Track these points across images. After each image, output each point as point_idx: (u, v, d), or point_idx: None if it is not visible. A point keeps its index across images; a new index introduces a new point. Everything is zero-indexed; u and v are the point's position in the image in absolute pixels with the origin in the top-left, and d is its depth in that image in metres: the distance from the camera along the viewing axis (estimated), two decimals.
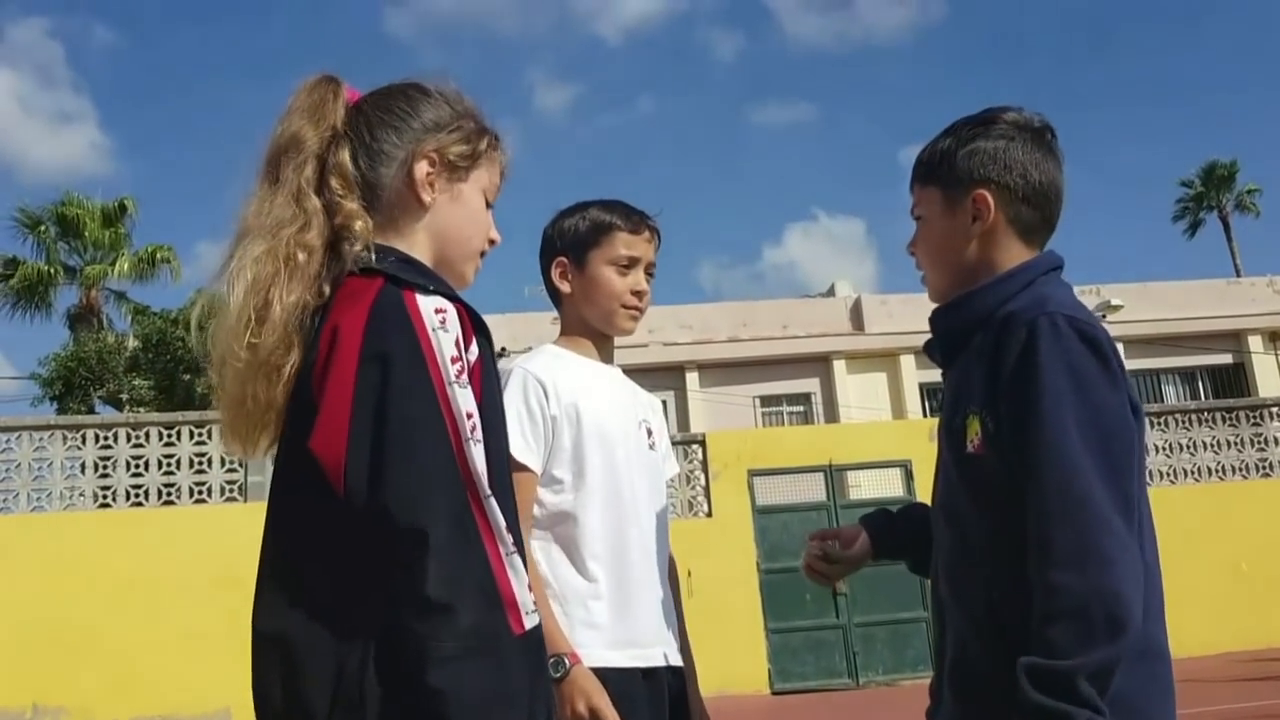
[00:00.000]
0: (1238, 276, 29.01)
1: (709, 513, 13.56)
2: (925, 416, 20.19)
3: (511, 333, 21.58)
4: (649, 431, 2.24)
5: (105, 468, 12.58)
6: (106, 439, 12.67)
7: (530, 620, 1.31)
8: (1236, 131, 54.18)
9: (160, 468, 12.66)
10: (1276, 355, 24.24)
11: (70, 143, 54.93)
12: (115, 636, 11.36)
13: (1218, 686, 9.58)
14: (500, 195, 1.64)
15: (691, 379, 22.87)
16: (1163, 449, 14.82)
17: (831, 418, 22.42)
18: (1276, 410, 15.34)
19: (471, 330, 1.41)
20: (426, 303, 1.37)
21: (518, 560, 1.33)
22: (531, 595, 1.33)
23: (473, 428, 1.34)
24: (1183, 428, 14.98)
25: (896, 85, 53.49)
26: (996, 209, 1.68)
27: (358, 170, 1.50)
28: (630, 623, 2.05)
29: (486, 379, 1.42)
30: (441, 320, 1.36)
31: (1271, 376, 23.80)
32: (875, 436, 14.92)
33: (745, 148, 56.18)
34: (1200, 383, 24.48)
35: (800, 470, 13.82)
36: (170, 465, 12.69)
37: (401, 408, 1.31)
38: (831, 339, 23.41)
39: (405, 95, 1.56)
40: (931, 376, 21.83)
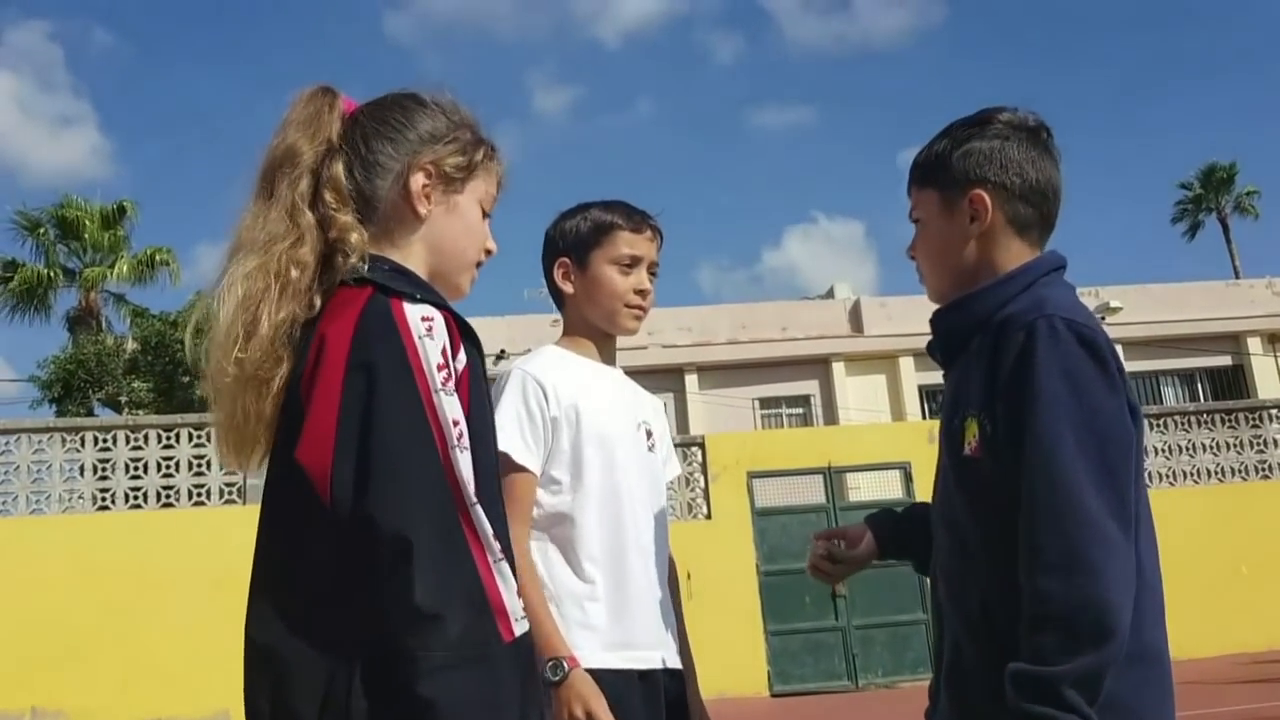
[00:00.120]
0: (1237, 278, 29.04)
1: (708, 515, 13.55)
2: (924, 418, 20.19)
3: (511, 335, 21.60)
4: (648, 433, 2.24)
5: (104, 470, 12.56)
6: (105, 441, 12.65)
7: (519, 627, 1.30)
8: (1236, 133, 54.25)
9: (159, 470, 12.65)
10: (1276, 357, 24.24)
11: (70, 146, 55.04)
12: (114, 639, 11.34)
13: (1218, 689, 9.57)
14: (497, 204, 1.62)
15: (691, 381, 22.87)
16: (1162, 451, 14.81)
17: (831, 420, 22.43)
18: (1276, 412, 15.34)
19: (459, 338, 1.41)
20: (413, 311, 1.37)
21: (505, 568, 1.32)
22: (520, 602, 1.32)
23: (459, 435, 1.33)
24: (1182, 430, 14.98)
25: (896, 88, 53.55)
26: (994, 208, 1.68)
27: (353, 182, 1.50)
28: (626, 625, 2.04)
29: (475, 387, 1.41)
30: (428, 328, 1.36)
31: (1271, 378, 23.81)
32: (874, 438, 14.92)
33: (744, 150, 56.28)
34: (1199, 385, 24.48)
35: (799, 472, 13.79)
36: (169, 468, 12.67)
37: (387, 416, 1.30)
38: (831, 341, 23.42)
39: (401, 106, 1.55)
40: (930, 378, 21.84)
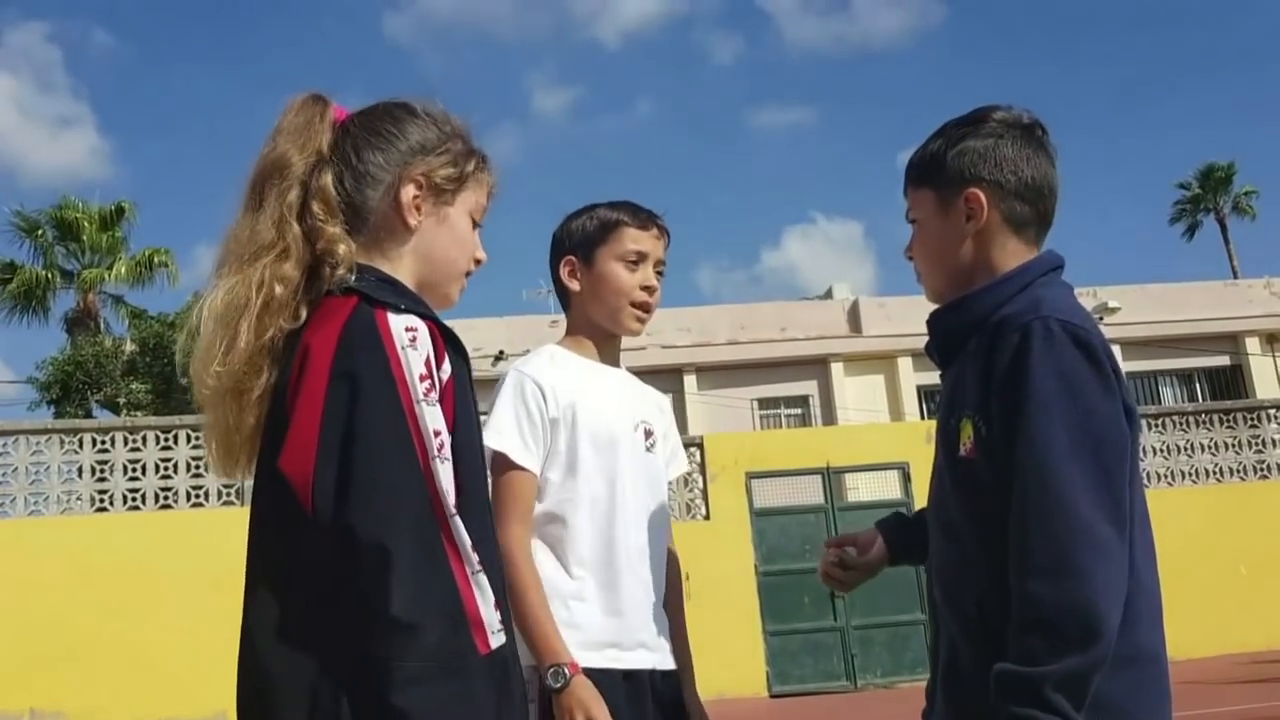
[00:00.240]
0: (1235, 278, 29.05)
1: (707, 515, 13.54)
2: (923, 419, 20.19)
3: (510, 335, 21.59)
4: (647, 433, 2.22)
5: (102, 472, 12.56)
6: (104, 443, 12.65)
7: (496, 640, 1.30)
8: (1234, 133, 54.28)
9: (157, 472, 12.64)
10: (1274, 357, 24.26)
11: (69, 147, 54.95)
12: (112, 640, 11.33)
13: (1217, 689, 9.58)
14: (488, 213, 1.62)
15: (690, 381, 22.86)
16: (1160, 451, 14.82)
17: (829, 420, 22.43)
18: (1274, 412, 15.35)
19: (444, 348, 1.41)
20: (397, 321, 1.37)
21: (484, 580, 1.32)
22: (498, 615, 1.32)
23: (440, 446, 1.33)
24: (1180, 430, 14.98)
25: (895, 88, 53.49)
26: (990, 206, 1.67)
27: (343, 192, 1.49)
28: (613, 624, 2.03)
29: (460, 397, 1.41)
30: (412, 339, 1.36)
31: (1269, 378, 23.82)
32: (873, 439, 14.92)
33: (744, 150, 56.23)
34: (1198, 385, 24.49)
35: (798, 472, 13.79)
36: (167, 469, 12.67)
37: (369, 426, 1.30)
38: (829, 341, 23.42)
39: (392, 116, 1.55)
40: (929, 379, 21.84)
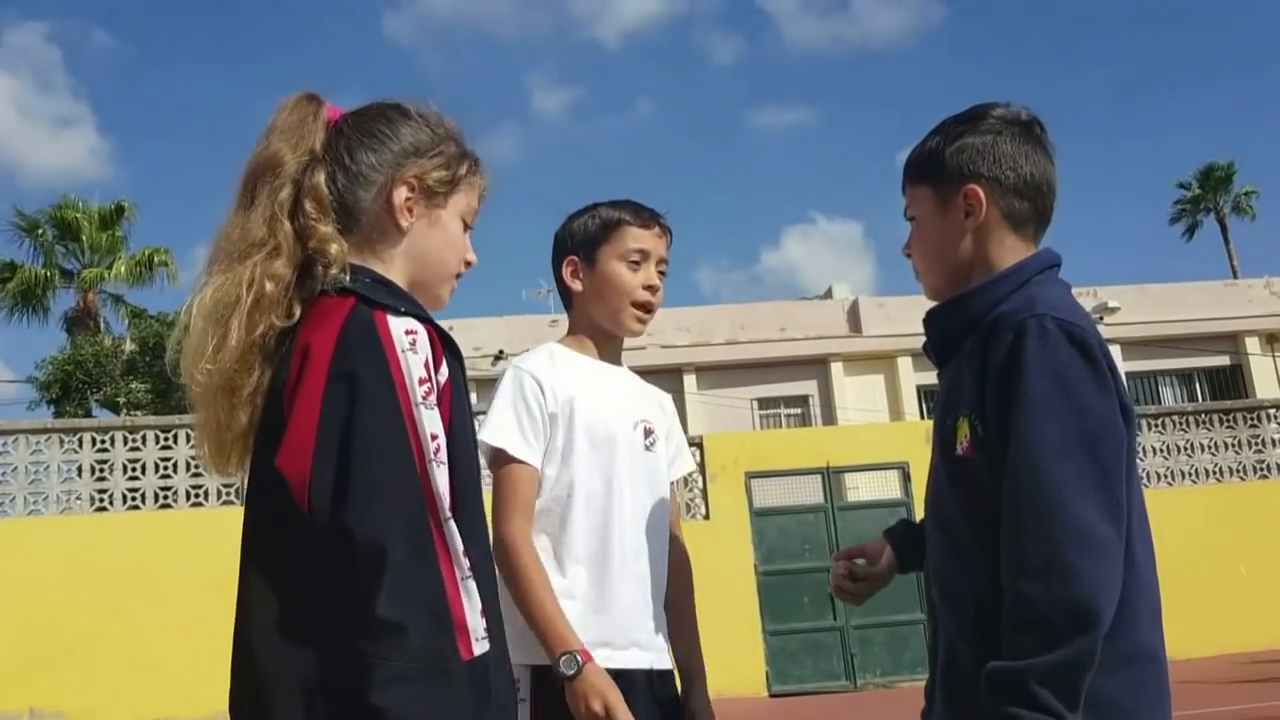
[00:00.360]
0: (1235, 278, 29.06)
1: (706, 515, 13.54)
2: (923, 418, 20.19)
3: (510, 335, 21.59)
4: (647, 432, 2.21)
5: (102, 471, 12.56)
6: (103, 442, 12.64)
7: (479, 646, 1.31)
8: (1234, 134, 54.31)
9: (157, 471, 12.64)
10: (1274, 357, 24.25)
11: (69, 147, 55.01)
12: (112, 640, 11.33)
13: (1216, 689, 9.58)
14: (479, 216, 1.63)
15: (689, 381, 22.85)
16: (1160, 451, 14.82)
17: (829, 420, 22.42)
18: (1274, 412, 15.35)
19: (442, 352, 1.41)
20: (397, 324, 1.37)
21: (472, 585, 1.33)
22: (483, 621, 1.33)
23: (436, 449, 1.34)
24: (1180, 430, 14.98)
25: (895, 88, 53.51)
26: (989, 203, 1.67)
27: (335, 192, 1.49)
28: (604, 623, 2.03)
29: (456, 401, 1.42)
30: (411, 342, 1.36)
31: (1269, 378, 23.82)
32: (872, 438, 14.91)
33: (744, 150, 56.27)
34: (1198, 384, 24.49)
35: (798, 472, 13.79)
36: (167, 469, 12.67)
37: (367, 427, 1.31)
38: (829, 341, 23.42)
39: (385, 117, 1.55)
40: (929, 378, 21.83)
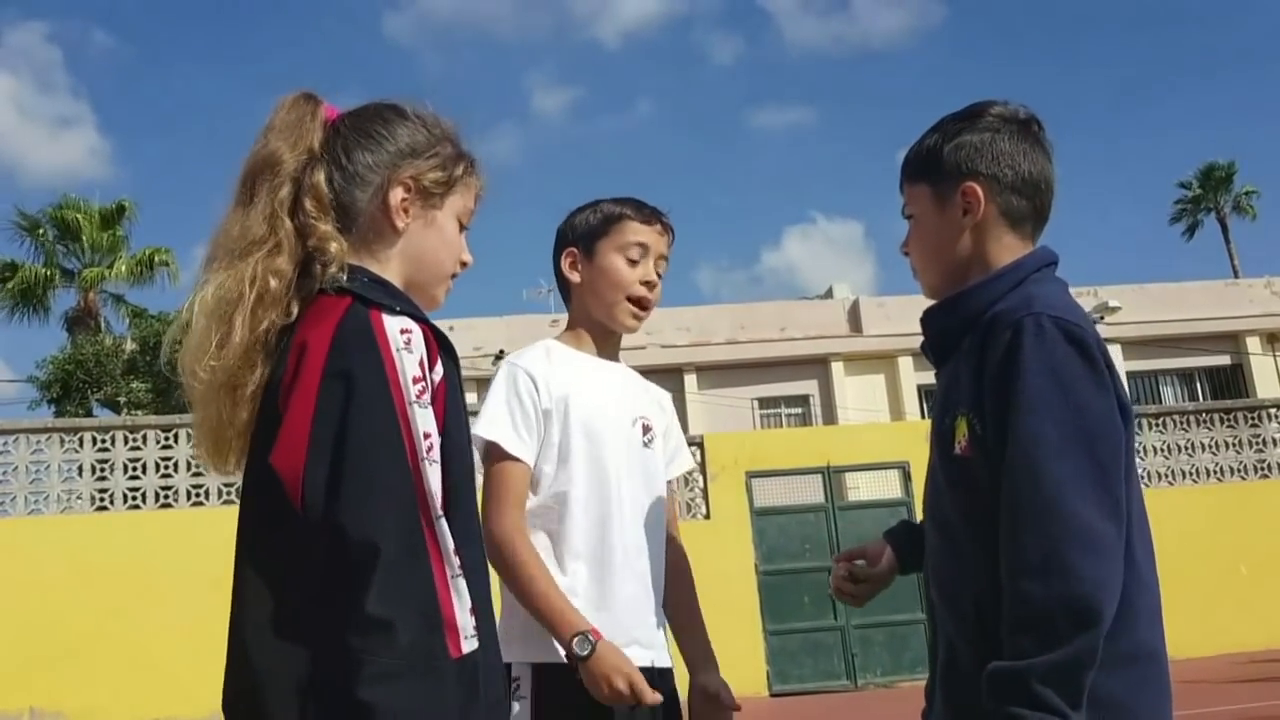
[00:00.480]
0: (1236, 278, 29.07)
1: (707, 514, 13.53)
2: (923, 418, 20.18)
3: (510, 335, 21.60)
4: (645, 428, 2.21)
5: (102, 471, 12.56)
6: (104, 442, 12.65)
7: (468, 645, 1.32)
8: (1234, 134, 54.30)
9: (158, 470, 12.64)
10: (1274, 356, 24.25)
11: (69, 147, 55.09)
12: (112, 639, 11.33)
13: (1217, 688, 9.58)
14: (476, 216, 1.63)
15: (690, 381, 22.86)
16: (1161, 450, 14.81)
17: (829, 419, 22.43)
18: (1274, 411, 15.33)
19: (437, 352, 1.42)
20: (392, 323, 1.38)
21: (462, 584, 1.34)
22: (473, 620, 1.34)
23: (429, 448, 1.35)
24: (1181, 429, 14.97)
25: (895, 88, 53.53)
26: (987, 201, 1.67)
27: (332, 191, 1.50)
28: (605, 620, 2.02)
29: (451, 401, 1.43)
30: (406, 341, 1.37)
31: (1269, 378, 23.82)
32: (873, 438, 14.89)
33: (744, 150, 56.32)
34: (1198, 384, 24.49)
35: (798, 472, 13.78)
36: (168, 468, 12.67)
37: (361, 425, 1.32)
38: (829, 341, 23.42)
39: (382, 118, 1.56)
40: (929, 378, 21.65)
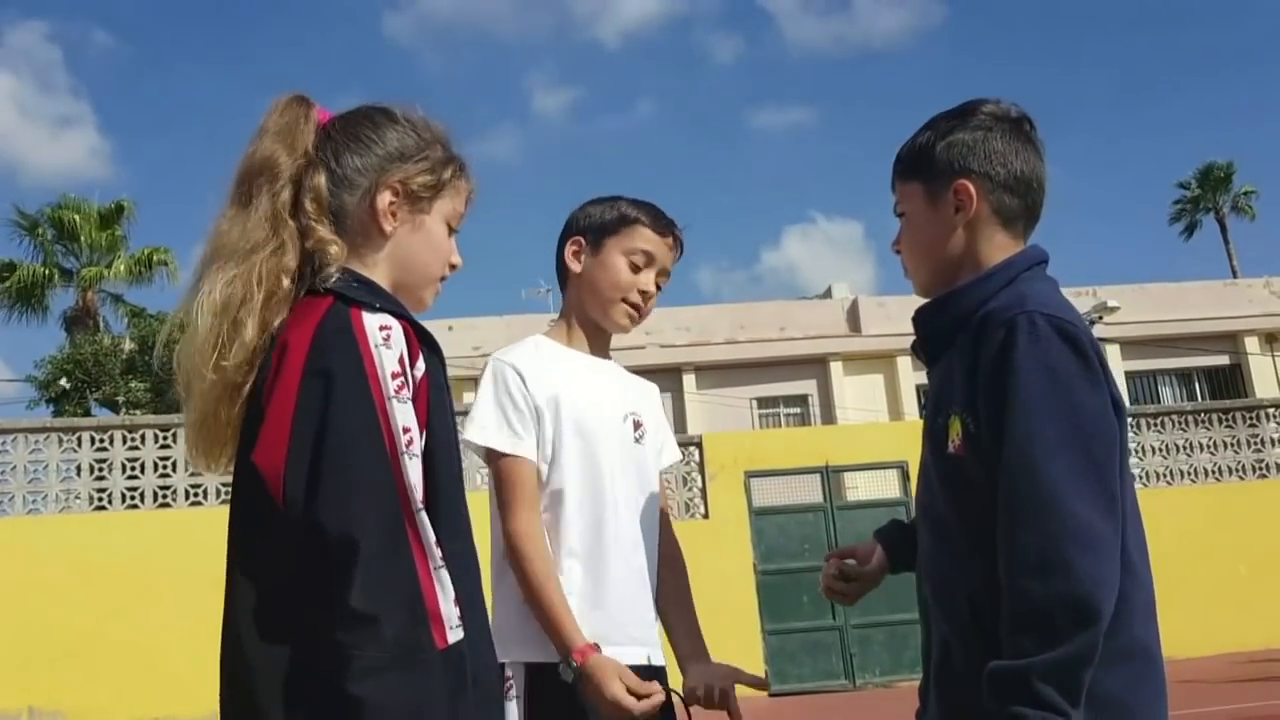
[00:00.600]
0: (1234, 278, 29.07)
1: (705, 514, 13.55)
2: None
3: (510, 335, 21.58)
4: (636, 424, 2.20)
5: (101, 470, 12.55)
6: (102, 441, 12.64)
7: (453, 635, 1.33)
8: (1234, 134, 54.32)
9: (156, 470, 12.64)
10: (1273, 357, 24.26)
11: (69, 146, 55.06)
12: (111, 639, 11.34)
13: (1215, 688, 9.58)
14: (466, 219, 1.64)
15: (689, 380, 22.86)
16: (1159, 450, 14.82)
17: (828, 419, 22.42)
18: (1273, 411, 15.35)
19: (419, 347, 1.43)
20: (371, 320, 1.40)
21: (445, 575, 1.35)
22: (457, 610, 1.35)
23: (408, 443, 1.36)
24: (1179, 429, 14.98)
25: (895, 88, 53.45)
26: (979, 198, 1.67)
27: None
28: (600, 618, 2.02)
29: (435, 395, 1.44)
30: (385, 337, 1.39)
31: (1268, 378, 23.83)
32: (872, 438, 14.89)
33: (744, 150, 56.29)
34: (1197, 384, 24.50)
35: (797, 472, 13.79)
36: (166, 468, 12.66)
37: (340, 421, 1.33)
38: (828, 341, 23.41)
39: (372, 122, 1.57)
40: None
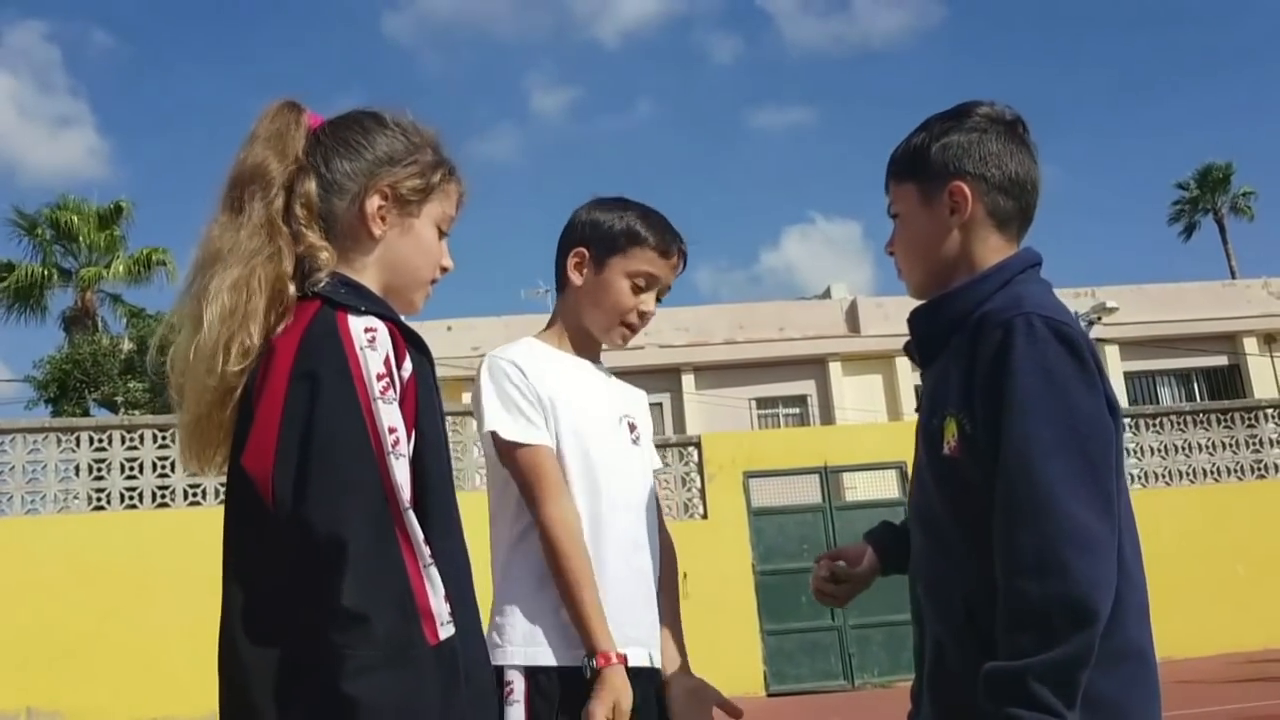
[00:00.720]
0: (1233, 279, 29.07)
1: (704, 514, 13.55)
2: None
3: (509, 335, 21.47)
4: (630, 427, 2.19)
5: (99, 470, 12.54)
6: (101, 441, 12.63)
7: (445, 631, 1.34)
8: (1234, 134, 54.34)
9: (155, 470, 12.63)
10: (1271, 357, 24.25)
11: (68, 146, 55.04)
12: (110, 639, 11.33)
13: (1214, 688, 9.57)
14: (457, 222, 1.64)
15: (688, 381, 22.85)
16: (1158, 451, 14.82)
17: (827, 419, 22.41)
18: (1271, 412, 15.34)
19: (405, 348, 1.44)
20: (357, 323, 1.41)
21: (434, 572, 1.36)
22: (447, 606, 1.36)
23: (395, 442, 1.37)
24: (1178, 429, 14.98)
25: (895, 88, 53.46)
26: (974, 200, 1.67)
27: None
28: None
29: (423, 395, 1.45)
30: (371, 339, 1.40)
31: (1267, 378, 23.82)
32: (870, 438, 14.87)
33: (743, 150, 56.31)
34: (1195, 384, 24.49)
35: (796, 472, 13.79)
36: (165, 468, 12.64)
37: (326, 423, 1.34)
38: (827, 341, 23.40)
39: (361, 126, 1.58)
40: None
